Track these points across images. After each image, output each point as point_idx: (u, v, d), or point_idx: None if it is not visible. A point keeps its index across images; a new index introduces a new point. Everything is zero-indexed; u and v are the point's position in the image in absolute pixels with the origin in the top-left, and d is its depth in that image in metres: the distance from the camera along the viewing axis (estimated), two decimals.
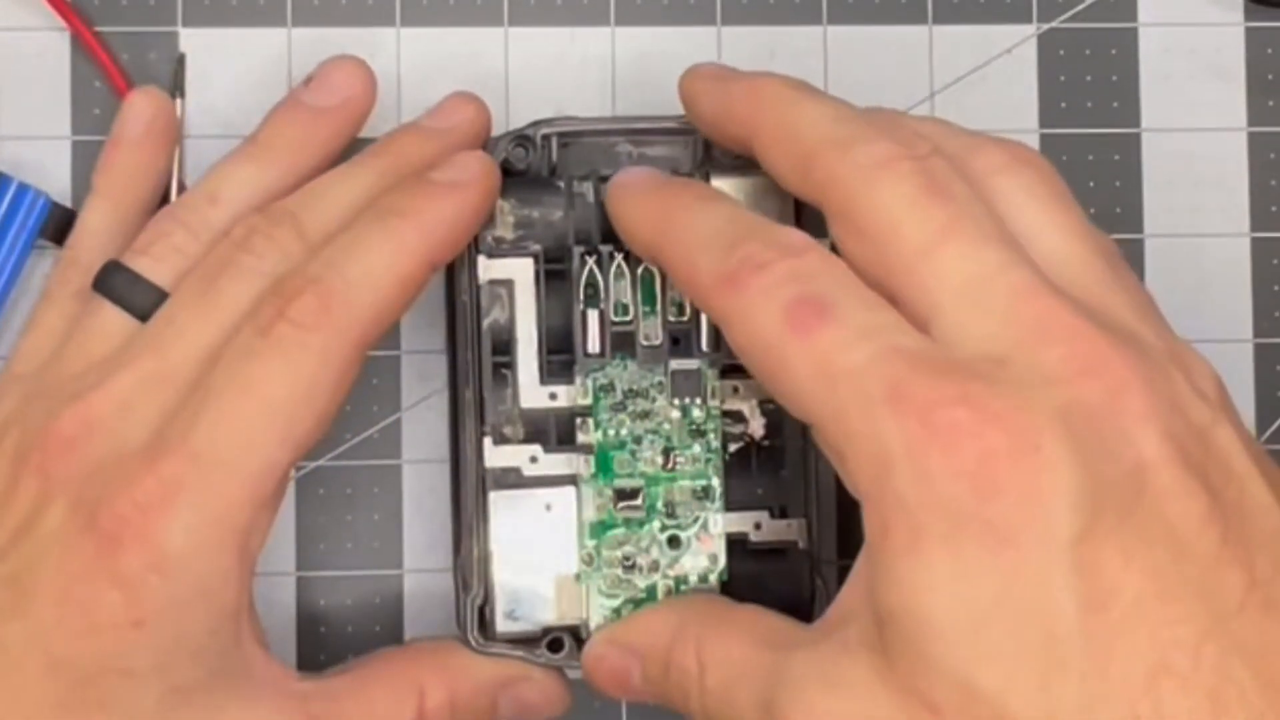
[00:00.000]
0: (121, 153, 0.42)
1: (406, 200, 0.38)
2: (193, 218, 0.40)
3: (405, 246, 0.37)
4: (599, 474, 0.39)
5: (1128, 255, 0.44)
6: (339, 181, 0.39)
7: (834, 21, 0.45)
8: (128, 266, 0.39)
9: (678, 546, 0.39)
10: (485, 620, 0.39)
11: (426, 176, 0.38)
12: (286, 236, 0.38)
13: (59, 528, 0.35)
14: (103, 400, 0.37)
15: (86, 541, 0.35)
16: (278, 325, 0.36)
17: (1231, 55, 0.45)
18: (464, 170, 0.39)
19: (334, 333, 0.36)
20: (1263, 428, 0.44)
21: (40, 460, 0.36)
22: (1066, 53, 0.45)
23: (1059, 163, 0.44)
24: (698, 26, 0.44)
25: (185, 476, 0.35)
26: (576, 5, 0.44)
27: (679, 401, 0.39)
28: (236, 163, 0.41)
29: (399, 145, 0.40)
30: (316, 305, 0.36)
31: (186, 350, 0.37)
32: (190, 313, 0.38)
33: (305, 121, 0.41)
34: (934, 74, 0.45)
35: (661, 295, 0.39)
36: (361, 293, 0.37)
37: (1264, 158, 0.45)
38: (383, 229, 0.37)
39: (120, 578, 0.35)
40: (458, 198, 0.38)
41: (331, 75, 0.41)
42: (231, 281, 0.38)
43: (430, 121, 0.41)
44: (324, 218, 0.38)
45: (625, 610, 0.39)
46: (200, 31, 0.44)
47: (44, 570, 0.35)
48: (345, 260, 0.37)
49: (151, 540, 0.35)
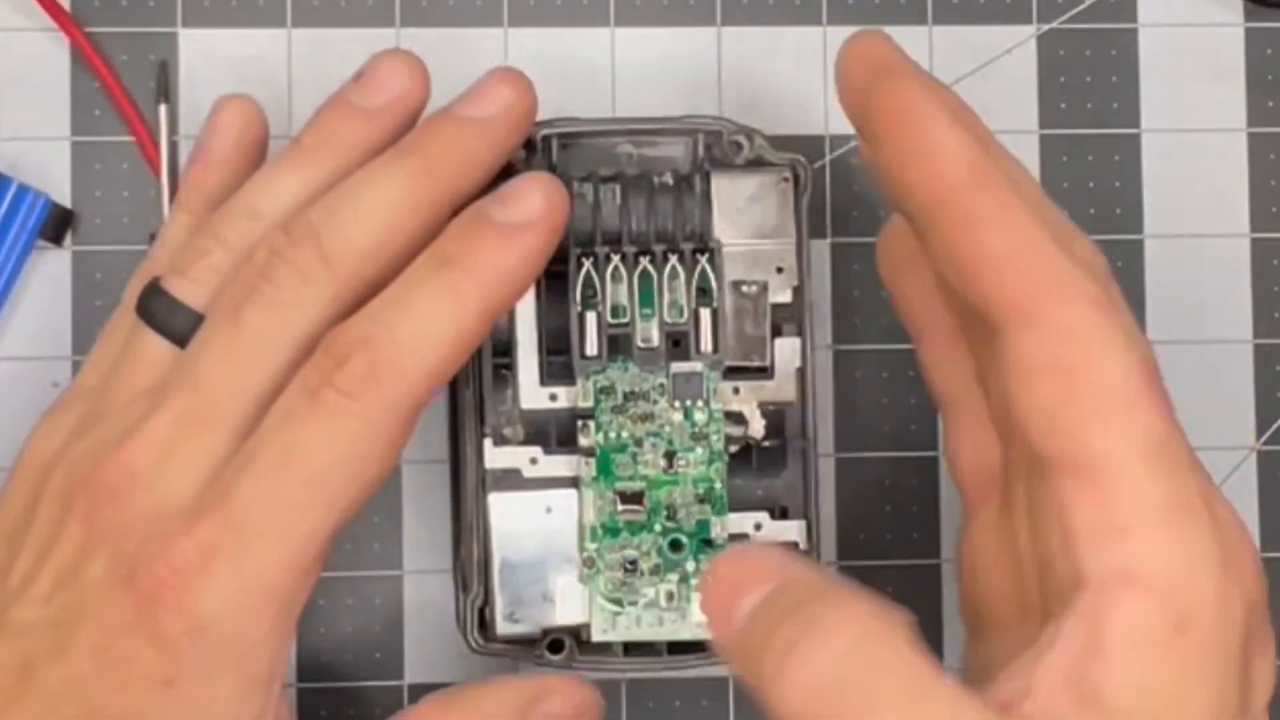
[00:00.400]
0: (210, 170, 0.40)
1: (464, 248, 0.35)
2: (232, 235, 0.37)
3: (462, 304, 0.35)
4: (600, 476, 0.39)
5: (1128, 255, 0.45)
6: (366, 187, 0.36)
7: (834, 22, 0.45)
8: (166, 290, 0.37)
9: (679, 550, 0.39)
10: (485, 621, 0.39)
11: (486, 215, 0.36)
12: (308, 261, 0.36)
13: (100, 579, 0.35)
14: (143, 447, 0.35)
15: (125, 597, 0.34)
16: (325, 391, 0.34)
17: (1231, 56, 0.45)
18: (526, 207, 0.36)
19: (383, 401, 0.35)
20: (1263, 428, 0.44)
21: (85, 508, 0.35)
22: (1066, 53, 0.45)
23: (1059, 163, 0.44)
24: (698, 27, 0.44)
25: (222, 542, 0.34)
26: (576, 6, 0.44)
27: (680, 404, 0.39)
28: (279, 171, 0.38)
29: (433, 142, 0.37)
30: (365, 372, 0.34)
31: (218, 389, 0.35)
32: (219, 348, 0.36)
33: (353, 123, 0.38)
34: (934, 74, 0.44)
35: (659, 297, 0.39)
36: (414, 356, 0.35)
37: (1264, 158, 0.45)
38: (438, 284, 0.35)
39: (156, 637, 0.34)
40: (522, 244, 0.36)
41: (380, 71, 0.38)
42: (256, 312, 0.36)
43: (466, 109, 0.37)
44: (349, 235, 0.36)
45: (625, 611, 0.39)
46: (200, 32, 0.44)
47: (85, 621, 0.34)
48: (397, 318, 0.35)
49: (187, 604, 0.34)
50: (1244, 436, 0.44)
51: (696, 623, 0.39)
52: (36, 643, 0.35)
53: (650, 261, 0.39)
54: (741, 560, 0.32)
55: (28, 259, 0.43)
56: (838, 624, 0.29)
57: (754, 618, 0.31)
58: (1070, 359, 0.31)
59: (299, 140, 0.38)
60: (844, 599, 0.30)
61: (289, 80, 0.44)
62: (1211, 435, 0.44)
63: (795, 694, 0.29)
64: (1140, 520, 0.30)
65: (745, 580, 0.31)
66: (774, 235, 0.39)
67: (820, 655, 0.29)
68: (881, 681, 0.29)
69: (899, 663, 0.29)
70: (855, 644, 0.29)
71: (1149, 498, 0.30)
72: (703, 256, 0.39)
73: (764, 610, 0.31)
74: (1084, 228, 0.44)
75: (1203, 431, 0.44)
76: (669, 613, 0.39)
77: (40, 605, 0.35)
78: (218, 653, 0.34)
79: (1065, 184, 0.45)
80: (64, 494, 0.36)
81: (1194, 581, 0.30)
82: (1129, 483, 0.30)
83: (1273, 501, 0.44)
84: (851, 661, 0.29)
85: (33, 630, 0.35)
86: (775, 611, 0.30)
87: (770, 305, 0.39)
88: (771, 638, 0.30)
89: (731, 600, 0.31)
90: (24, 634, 0.35)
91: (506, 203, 0.36)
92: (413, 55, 0.38)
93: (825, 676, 0.29)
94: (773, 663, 0.29)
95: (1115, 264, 0.44)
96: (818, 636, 0.29)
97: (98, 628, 0.34)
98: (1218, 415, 0.44)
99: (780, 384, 0.39)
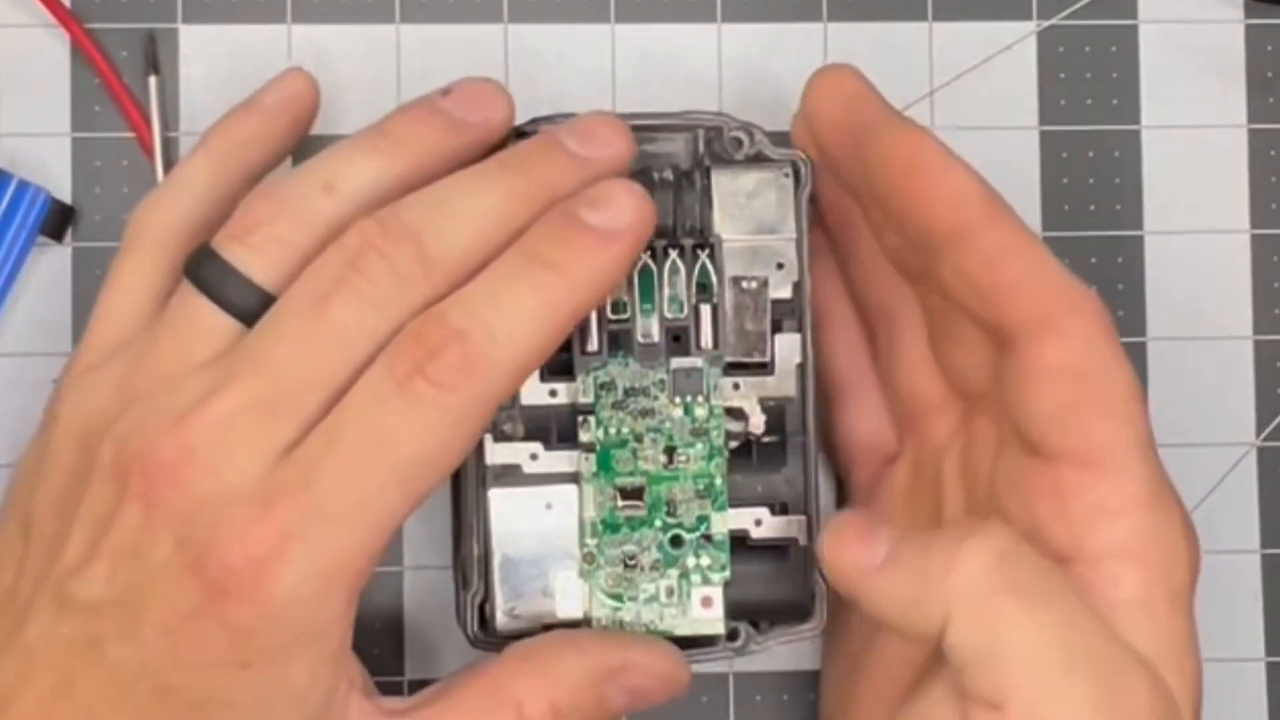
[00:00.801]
0: (249, 116, 0.40)
1: (558, 250, 0.36)
2: (301, 205, 0.36)
3: (554, 305, 0.35)
4: (600, 472, 0.39)
5: (1128, 252, 0.45)
6: (466, 195, 0.36)
7: (834, 18, 0.45)
8: (222, 256, 0.36)
9: (680, 545, 0.39)
10: (486, 617, 0.39)
11: (578, 217, 0.36)
12: (406, 260, 0.35)
13: (166, 562, 0.34)
14: (202, 426, 0.34)
15: (194, 583, 0.34)
16: (416, 380, 0.34)
17: (1231, 52, 0.45)
18: (619, 215, 0.36)
19: (474, 396, 0.35)
20: (1262, 426, 0.44)
21: (141, 488, 0.34)
22: (1066, 50, 0.45)
23: (1059, 159, 0.44)
24: (698, 24, 0.44)
25: (300, 528, 0.34)
26: (576, 2, 0.44)
27: (680, 399, 0.39)
28: (358, 150, 0.37)
29: (540, 169, 0.37)
30: (459, 365, 0.34)
31: (290, 378, 0.35)
32: (297, 337, 0.35)
33: (442, 127, 0.37)
34: (934, 71, 0.45)
35: (659, 293, 0.39)
36: (506, 353, 0.35)
37: (1264, 155, 0.45)
38: (531, 284, 0.35)
39: (228, 623, 0.34)
40: (613, 251, 0.36)
41: (473, 91, 0.38)
42: (343, 308, 0.35)
43: (575, 145, 0.37)
44: (449, 241, 0.36)
45: (625, 607, 0.39)
46: (200, 28, 0.44)
47: (153, 602, 0.34)
48: (490, 313, 0.35)
49: (262, 590, 0.34)
50: (1244, 433, 0.44)
51: (696, 618, 0.39)
52: (104, 622, 0.34)
53: (650, 257, 0.39)
54: (857, 517, 0.37)
55: (28, 255, 0.43)
56: (986, 534, 0.35)
57: (900, 549, 0.36)
58: (1082, 364, 0.36)
59: (381, 127, 0.38)
60: (974, 521, 0.37)
61: None
62: (1211, 431, 0.44)
63: (970, 581, 0.34)
64: (1135, 504, 0.35)
65: (871, 529, 0.36)
66: (774, 231, 0.39)
67: (987, 549, 0.35)
68: (1043, 563, 0.35)
69: (1044, 559, 0.35)
70: (1014, 542, 0.35)
71: (1142, 485, 0.36)
72: (703, 252, 0.39)
73: (908, 541, 0.36)
74: (1084, 224, 0.45)
75: (1203, 428, 0.44)
76: (669, 608, 0.39)
77: (103, 584, 0.35)
78: (290, 635, 0.34)
79: (1065, 180, 0.45)
80: (117, 469, 0.35)
81: (1178, 556, 0.35)
82: (1127, 472, 0.35)
83: (1273, 498, 0.44)
84: (1017, 546, 0.35)
85: (101, 609, 0.35)
86: (916, 543, 0.36)
87: (770, 301, 0.39)
88: (929, 554, 0.35)
89: (868, 544, 0.36)
90: (91, 612, 0.35)
91: (598, 206, 0.36)
92: (505, 87, 0.38)
93: (996, 557, 0.35)
94: (939, 568, 0.35)
95: (1116, 260, 0.44)
96: (978, 539, 0.35)
97: (167, 611, 0.34)
98: (1218, 411, 0.44)
99: (780, 380, 0.39)
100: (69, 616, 0.35)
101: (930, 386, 0.40)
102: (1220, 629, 0.39)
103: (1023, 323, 0.36)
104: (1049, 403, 0.36)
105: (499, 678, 0.37)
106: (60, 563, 0.35)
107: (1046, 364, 0.36)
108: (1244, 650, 0.44)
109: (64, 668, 0.35)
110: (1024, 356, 0.36)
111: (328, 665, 0.35)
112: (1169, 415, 0.44)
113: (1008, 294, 0.36)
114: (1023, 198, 0.44)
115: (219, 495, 0.34)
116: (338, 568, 0.34)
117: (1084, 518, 0.35)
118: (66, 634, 0.35)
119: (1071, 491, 0.36)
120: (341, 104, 0.43)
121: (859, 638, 0.41)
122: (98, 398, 0.36)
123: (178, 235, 0.38)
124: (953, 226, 0.36)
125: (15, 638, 0.35)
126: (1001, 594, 0.34)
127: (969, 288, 0.37)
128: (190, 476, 0.34)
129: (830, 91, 0.39)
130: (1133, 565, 0.35)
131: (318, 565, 0.34)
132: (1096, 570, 0.35)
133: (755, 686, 0.44)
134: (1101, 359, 0.36)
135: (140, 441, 0.35)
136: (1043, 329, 0.36)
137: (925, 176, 0.36)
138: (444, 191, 0.36)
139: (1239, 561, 0.44)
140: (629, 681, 0.37)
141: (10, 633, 0.35)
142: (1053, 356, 0.36)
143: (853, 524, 0.37)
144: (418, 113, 0.38)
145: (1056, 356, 0.36)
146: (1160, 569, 0.35)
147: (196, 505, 0.34)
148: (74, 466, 0.36)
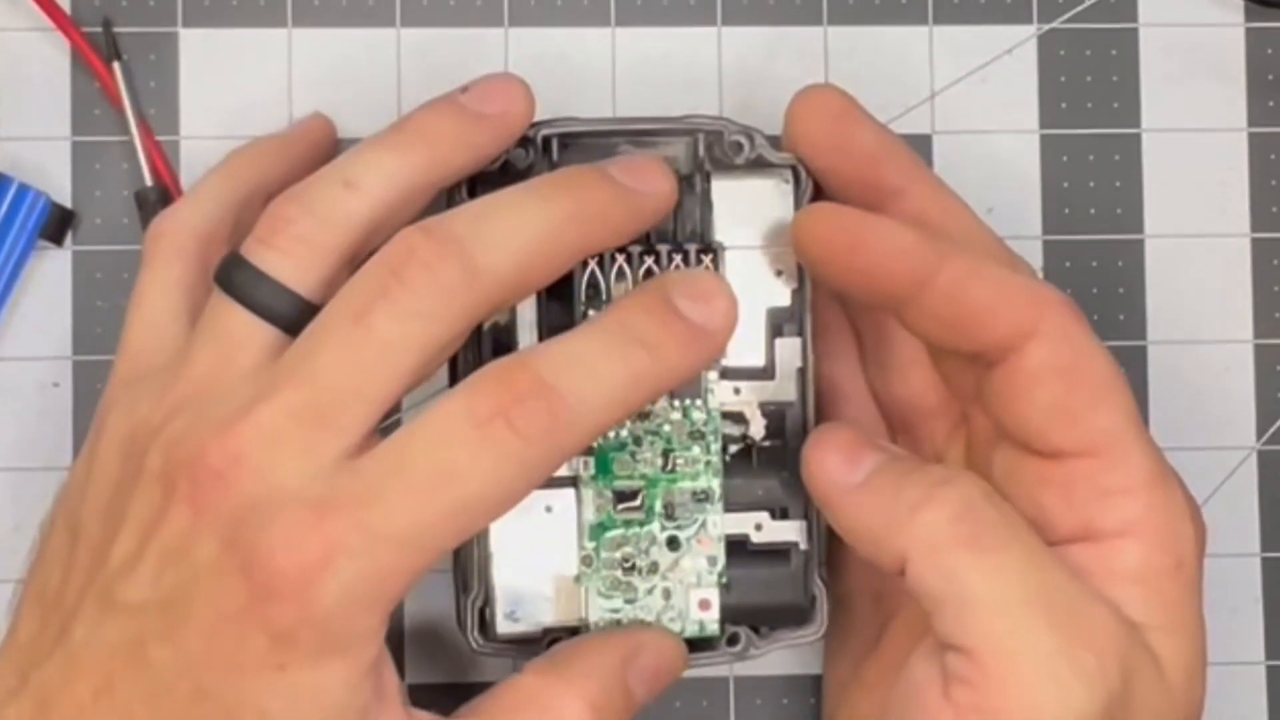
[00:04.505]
0: (268, 139, 0.42)
1: (656, 333, 0.36)
2: (322, 204, 0.36)
3: (641, 386, 0.36)
4: (598, 475, 0.39)
5: (1128, 255, 0.45)
6: (515, 210, 0.36)
7: (834, 22, 0.45)
8: (250, 262, 0.36)
9: (677, 548, 0.39)
10: (485, 621, 0.39)
11: (677, 306, 0.36)
12: (452, 274, 0.35)
13: (211, 564, 0.34)
14: (250, 432, 0.34)
15: (239, 585, 0.34)
16: (498, 423, 0.34)
17: (1232, 56, 0.45)
18: (715, 317, 0.37)
19: (550, 450, 0.35)
20: (1263, 430, 0.44)
21: (189, 492, 0.34)
22: (1067, 53, 0.45)
23: (1059, 163, 0.44)
24: (698, 27, 0.44)
25: (352, 542, 0.34)
26: (577, 5, 0.44)
27: (679, 403, 0.39)
28: (378, 147, 0.37)
29: (590, 193, 0.37)
30: (546, 420, 0.34)
31: (336, 389, 0.35)
32: (341, 348, 0.35)
33: (463, 120, 0.38)
34: (934, 74, 0.45)
35: None
36: (590, 417, 0.35)
37: (1264, 158, 0.45)
38: (624, 360, 0.35)
39: (270, 626, 0.34)
40: (704, 349, 0.37)
41: (492, 85, 0.38)
42: (387, 319, 0.35)
43: (625, 178, 0.38)
44: (496, 254, 0.35)
45: (624, 610, 0.39)
46: (200, 32, 0.44)
47: (196, 603, 0.34)
48: (585, 378, 0.35)
49: (307, 596, 0.33)
50: (1244, 437, 0.44)
51: (693, 620, 0.39)
52: (148, 623, 0.34)
53: (654, 261, 0.39)
54: (846, 431, 0.38)
55: (28, 259, 0.43)
56: (956, 484, 0.36)
57: (877, 476, 0.37)
58: (1066, 359, 0.36)
59: (399, 124, 0.38)
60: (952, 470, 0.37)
61: (289, 80, 0.44)
62: (1212, 435, 0.44)
63: (931, 529, 0.35)
64: (1140, 483, 0.36)
65: (858, 447, 0.37)
66: (774, 236, 0.39)
67: (952, 500, 0.35)
68: (1009, 517, 0.36)
69: (1012, 511, 0.36)
70: (983, 495, 0.36)
71: (1145, 463, 0.36)
72: (705, 257, 0.39)
73: (886, 470, 0.37)
74: (1084, 228, 0.45)
75: (1203, 431, 0.44)
76: (666, 610, 0.39)
77: (149, 586, 0.35)
78: (328, 643, 0.34)
79: (1066, 184, 0.45)
80: (164, 475, 0.35)
81: (1182, 530, 0.36)
82: (1129, 453, 0.36)
83: (1273, 502, 0.44)
84: (984, 501, 0.36)
85: (145, 610, 0.35)
86: (893, 474, 0.36)
87: (771, 306, 0.39)
88: (901, 490, 0.36)
89: (850, 462, 0.37)
90: (136, 613, 0.35)
91: (696, 300, 0.37)
92: (524, 81, 0.38)
93: (961, 510, 0.35)
94: (906, 508, 0.35)
95: (1116, 264, 0.44)
96: (947, 489, 0.36)
97: (210, 612, 0.34)
98: (1218, 415, 0.44)
99: (781, 384, 0.40)
100: (114, 618, 0.35)
101: (928, 391, 0.41)
102: (1221, 632, 0.39)
103: (1002, 340, 0.37)
104: (1043, 403, 0.36)
105: (529, 691, 0.37)
106: (107, 566, 0.35)
107: (1033, 367, 0.36)
108: (1244, 654, 0.44)
109: (106, 670, 0.35)
110: (1009, 367, 0.37)
111: (364, 677, 0.35)
112: (1170, 419, 0.44)
113: (982, 319, 0.37)
114: (1023, 201, 0.44)
115: (268, 499, 0.34)
116: (381, 586, 0.34)
117: (1091, 502, 0.36)
118: (111, 636, 0.35)
119: (1076, 480, 0.36)
120: (342, 108, 0.43)
121: (862, 641, 0.41)
122: (142, 408, 0.36)
123: (196, 242, 0.39)
124: (906, 285, 0.37)
125: (61, 640, 0.35)
126: (959, 548, 0.35)
127: (943, 328, 0.37)
128: (239, 479, 0.34)
129: (811, 113, 0.40)
130: (1138, 540, 0.36)
131: (364, 581, 0.34)
132: (1102, 547, 0.36)
133: (756, 691, 0.44)
134: (1083, 349, 0.37)
135: (188, 447, 0.35)
136: (1022, 338, 0.36)
137: (863, 250, 0.37)
138: (492, 204, 0.36)
139: (1239, 565, 0.44)
140: (644, 662, 0.38)
141: (57, 635, 0.36)
142: (1037, 359, 0.36)
143: (839, 437, 0.38)
144: (436, 107, 0.38)
145: (1040, 358, 0.36)
146: (1165, 542, 0.36)
147: (245, 508, 0.34)
148: (121, 475, 0.36)
